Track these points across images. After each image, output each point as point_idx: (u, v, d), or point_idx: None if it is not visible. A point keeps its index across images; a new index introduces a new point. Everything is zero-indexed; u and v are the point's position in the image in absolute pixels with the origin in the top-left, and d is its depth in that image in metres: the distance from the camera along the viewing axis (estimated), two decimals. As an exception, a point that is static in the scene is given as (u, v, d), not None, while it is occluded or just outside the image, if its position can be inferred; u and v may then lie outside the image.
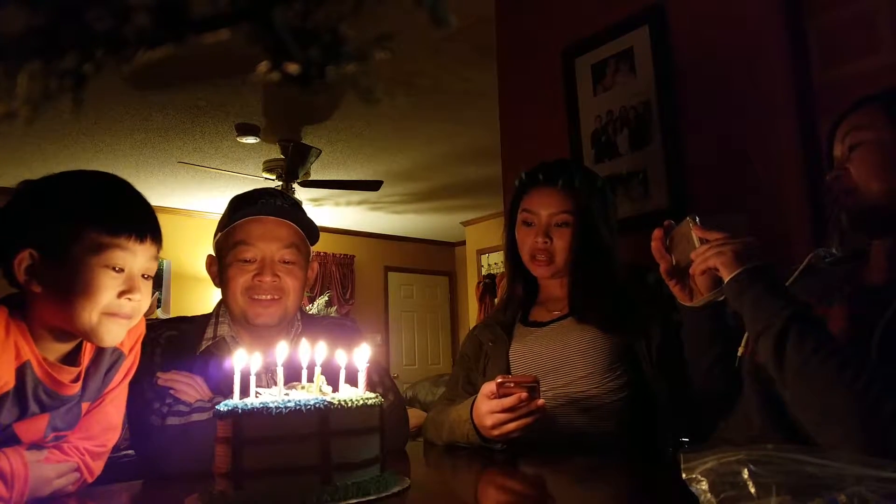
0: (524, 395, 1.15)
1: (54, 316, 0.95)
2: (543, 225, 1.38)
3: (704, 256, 1.05)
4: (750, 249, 1.02)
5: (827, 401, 0.86)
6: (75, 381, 1.00)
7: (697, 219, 1.10)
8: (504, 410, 1.16)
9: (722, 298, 1.12)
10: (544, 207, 1.38)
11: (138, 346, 1.12)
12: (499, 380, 1.18)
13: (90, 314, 0.93)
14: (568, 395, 1.30)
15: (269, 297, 1.27)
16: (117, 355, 1.07)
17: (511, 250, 1.47)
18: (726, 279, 1.01)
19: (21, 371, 0.93)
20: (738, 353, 1.09)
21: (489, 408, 1.18)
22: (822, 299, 1.05)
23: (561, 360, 1.34)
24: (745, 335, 1.07)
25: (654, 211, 1.79)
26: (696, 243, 1.08)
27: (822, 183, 1.39)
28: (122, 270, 0.95)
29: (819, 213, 1.44)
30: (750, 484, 0.56)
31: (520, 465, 1.18)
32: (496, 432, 1.18)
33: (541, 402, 1.16)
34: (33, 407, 0.95)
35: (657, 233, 1.17)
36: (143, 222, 0.99)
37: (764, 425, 0.98)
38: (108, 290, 0.94)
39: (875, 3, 1.42)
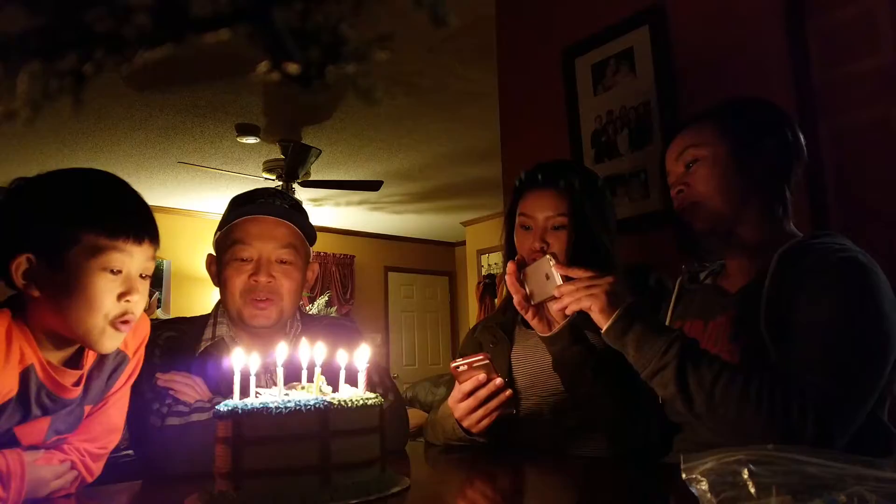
0: (482, 376, 1.16)
1: (54, 321, 0.93)
2: (540, 228, 1.36)
3: (576, 297, 1.08)
4: (618, 287, 1.06)
5: (742, 425, 0.91)
6: (77, 384, 0.99)
7: (556, 257, 1.16)
8: (466, 397, 1.17)
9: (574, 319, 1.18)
10: (540, 210, 1.36)
11: (142, 349, 1.10)
12: (452, 365, 1.19)
13: (93, 320, 0.92)
14: (569, 401, 1.29)
15: (264, 297, 1.27)
16: (121, 358, 1.06)
17: (510, 253, 1.46)
18: (604, 324, 1.05)
19: (25, 375, 0.92)
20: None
21: (454, 400, 1.20)
22: (706, 316, 1.13)
23: None
24: None
25: (654, 211, 1.79)
26: (558, 279, 1.12)
27: (820, 181, 1.40)
28: (119, 272, 0.93)
29: (818, 210, 1.44)
30: (750, 484, 0.56)
31: (520, 464, 1.18)
32: (465, 423, 1.19)
33: (498, 380, 1.17)
34: (35, 410, 0.94)
35: (511, 267, 1.22)
36: (140, 224, 0.97)
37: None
38: (106, 293, 0.92)
39: (875, 3, 1.42)
